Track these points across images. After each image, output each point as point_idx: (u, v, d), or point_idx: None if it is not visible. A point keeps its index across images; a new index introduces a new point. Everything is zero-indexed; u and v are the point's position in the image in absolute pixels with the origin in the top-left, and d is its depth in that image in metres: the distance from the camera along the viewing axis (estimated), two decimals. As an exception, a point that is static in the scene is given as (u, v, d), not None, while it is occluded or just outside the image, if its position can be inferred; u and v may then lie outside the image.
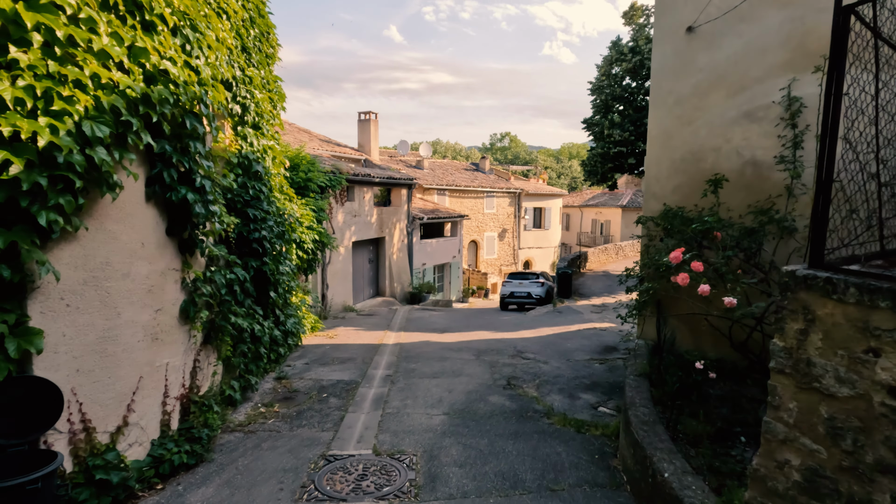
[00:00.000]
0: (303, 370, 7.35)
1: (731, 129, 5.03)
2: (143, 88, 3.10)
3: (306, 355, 8.50)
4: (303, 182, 11.55)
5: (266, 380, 6.66)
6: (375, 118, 21.68)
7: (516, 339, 10.39)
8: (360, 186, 16.24)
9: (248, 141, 5.63)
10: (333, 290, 14.73)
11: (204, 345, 4.66)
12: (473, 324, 12.88)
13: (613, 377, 7.58)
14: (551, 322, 12.55)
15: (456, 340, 10.35)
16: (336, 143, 21.28)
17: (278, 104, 6.85)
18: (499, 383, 7.07)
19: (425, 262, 21.49)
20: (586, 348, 9.46)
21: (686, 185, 5.35)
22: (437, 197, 26.36)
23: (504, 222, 30.88)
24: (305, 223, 10.21)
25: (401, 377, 7.18)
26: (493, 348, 9.45)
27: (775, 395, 1.98)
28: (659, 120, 5.55)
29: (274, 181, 6.54)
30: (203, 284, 4.29)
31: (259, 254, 5.66)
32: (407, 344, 9.90)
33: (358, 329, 11.88)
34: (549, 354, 9.00)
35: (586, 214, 40.33)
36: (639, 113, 15.01)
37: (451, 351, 9.17)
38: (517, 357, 8.81)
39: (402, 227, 19.48)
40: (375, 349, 9.29)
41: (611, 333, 10.79)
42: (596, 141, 16.54)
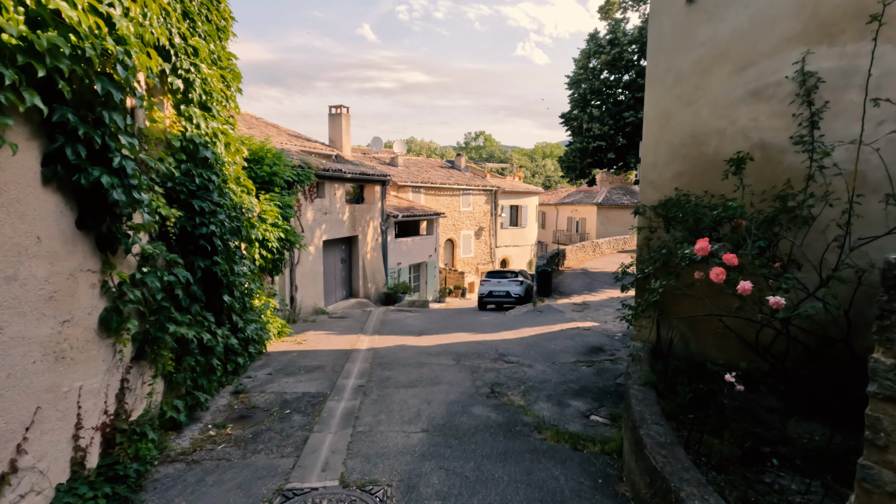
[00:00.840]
0: (265, 382, 6.60)
1: (736, 109, 4.56)
2: (24, 31, 2.37)
3: (270, 364, 7.74)
4: (267, 176, 10.73)
5: (221, 395, 5.90)
6: (347, 112, 20.85)
7: (498, 341, 9.84)
8: (330, 183, 15.44)
9: (194, 122, 4.87)
10: (303, 292, 13.91)
11: (136, 360, 3.91)
12: (452, 325, 12.28)
13: (603, 381, 7.09)
14: (532, 322, 12.06)
15: (434, 344, 9.73)
16: (306, 139, 20.36)
17: (233, 84, 6.09)
18: (482, 391, 6.49)
19: (401, 262, 20.80)
20: (571, 350, 8.98)
21: (688, 172, 4.86)
22: (413, 195, 25.68)
23: (480, 220, 30.41)
24: (270, 220, 9.44)
25: (374, 387, 6.51)
26: (473, 351, 8.87)
27: (880, 431, 1.45)
28: (656, 100, 5.05)
29: (228, 170, 5.79)
30: (131, 289, 3.54)
31: (208, 252, 4.91)
32: (381, 349, 9.22)
33: (329, 333, 11.12)
34: (533, 357, 8.47)
35: (562, 212, 40.27)
36: (618, 107, 14.70)
37: (429, 356, 8.54)
38: (500, 361, 8.25)
39: (376, 225, 18.74)
40: (347, 355, 8.58)
41: (595, 333, 10.36)
42: (574, 136, 16.16)
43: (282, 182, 11.17)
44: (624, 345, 9.26)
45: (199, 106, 5.10)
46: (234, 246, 5.67)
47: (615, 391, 6.67)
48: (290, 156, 13.86)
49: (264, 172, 10.69)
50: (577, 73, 15.89)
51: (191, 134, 4.78)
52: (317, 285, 14.78)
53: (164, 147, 4.60)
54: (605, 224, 35.62)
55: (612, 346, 9.15)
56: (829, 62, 4.03)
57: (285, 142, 18.16)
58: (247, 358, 6.94)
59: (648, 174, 5.12)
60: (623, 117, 14.46)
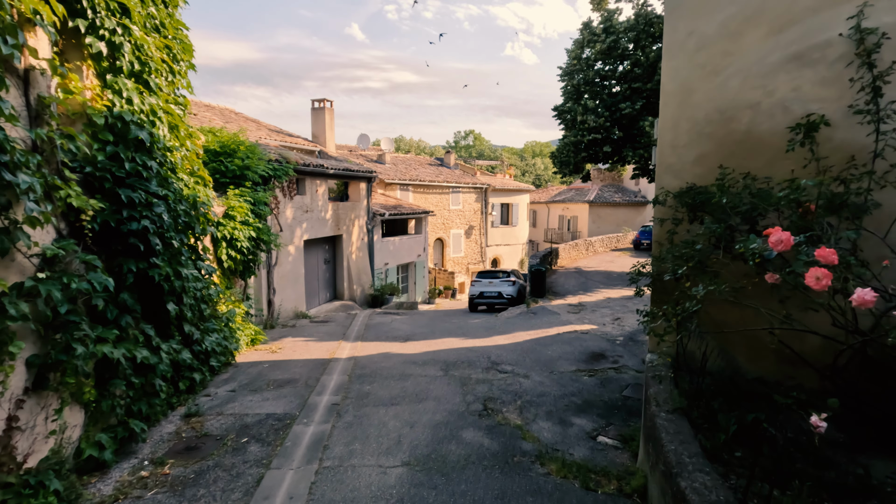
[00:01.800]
0: (225, 401, 5.76)
1: (773, 78, 3.83)
2: None
3: (237, 378, 6.89)
4: (238, 170, 9.86)
5: (169, 419, 5.05)
6: (331, 106, 19.95)
7: (490, 347, 9.07)
8: (312, 179, 14.57)
9: (124, 97, 4.04)
10: (282, 295, 13.04)
11: (34, 391, 3.08)
12: (440, 329, 11.50)
13: (608, 394, 6.36)
14: (526, 325, 11.32)
15: (421, 351, 8.93)
16: (287, 134, 19.44)
17: (183, 59, 5.24)
18: (473, 409, 5.71)
19: (388, 262, 19.97)
20: (570, 356, 8.24)
21: (713, 154, 4.12)
22: (400, 192, 24.85)
23: (471, 219, 29.66)
24: (239, 217, 8.58)
25: (350, 406, 5.70)
26: (463, 360, 8.10)
27: None
28: (675, 71, 4.31)
29: (174, 157, 4.95)
30: (14, 302, 2.71)
31: (140, 252, 4.07)
32: (363, 358, 8.41)
33: (308, 340, 10.28)
34: (529, 366, 7.72)
35: (553, 210, 39.68)
36: (613, 98, 14.01)
37: (415, 365, 7.75)
38: (492, 370, 7.49)
39: (362, 224, 17.90)
40: (324, 366, 7.76)
41: (594, 337, 9.64)
42: (567, 129, 15.47)
43: (255, 177, 10.30)
44: (627, 350, 8.55)
45: (133, 77, 4.26)
46: (182, 245, 4.83)
47: (623, 406, 5.94)
48: (268, 150, 12.98)
49: (235, 166, 9.82)
50: (571, 64, 15.20)
51: (120, 110, 3.95)
52: (297, 288, 13.91)
53: (84, 123, 3.76)
54: (597, 222, 35.08)
55: (614, 352, 8.43)
56: (892, 16, 3.31)
57: (265, 136, 17.24)
58: (206, 373, 6.10)
59: (666, 158, 4.37)
60: (619, 108, 13.76)
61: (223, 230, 8.01)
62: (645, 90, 13.42)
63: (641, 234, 26.44)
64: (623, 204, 35.28)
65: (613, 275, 18.19)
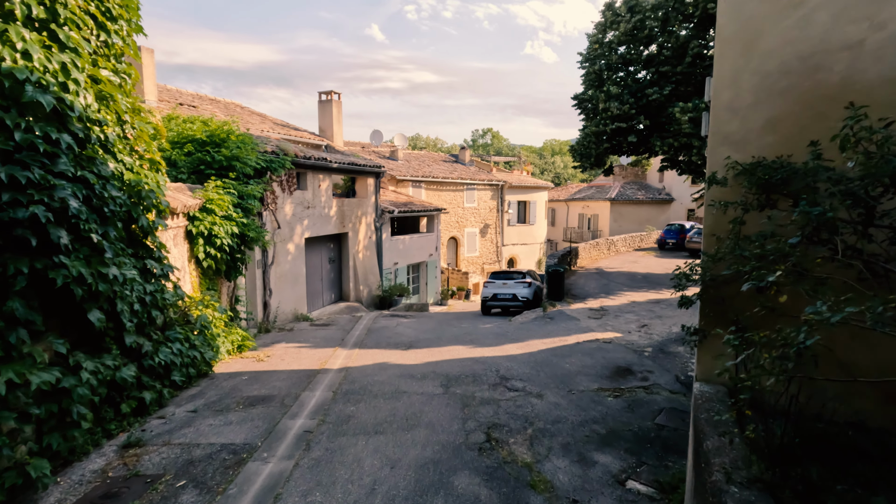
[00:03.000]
0: (180, 424, 4.88)
1: (886, 3, 2.73)
2: None
3: (206, 393, 6.03)
4: (226, 161, 9.03)
5: (103, 451, 4.18)
6: (338, 98, 19.13)
7: (499, 358, 8.05)
8: (314, 173, 13.73)
9: (18, 49, 3.18)
10: (280, 296, 12.22)
11: None
12: (447, 335, 10.51)
13: (638, 420, 5.28)
14: (542, 331, 10.25)
15: (421, 361, 7.97)
16: (293, 128, 18.70)
17: (122, 17, 4.36)
18: (473, 440, 4.71)
19: (397, 262, 19.07)
20: (591, 371, 7.17)
21: (790, 117, 3.04)
22: (413, 189, 23.94)
23: (486, 217, 28.60)
24: (220, 211, 7.72)
25: (325, 435, 4.76)
26: (468, 373, 7.10)
27: None
28: (736, 8, 3.23)
29: (105, 132, 4.06)
30: None
31: (36, 248, 3.16)
32: (356, 369, 7.48)
33: (301, 346, 9.41)
34: (544, 382, 6.68)
35: (572, 209, 38.33)
36: (638, 84, 12.81)
37: (412, 380, 6.78)
38: (500, 387, 6.47)
39: (370, 221, 17.02)
40: (310, 379, 6.86)
41: (618, 348, 8.53)
42: (588, 119, 14.31)
43: (247, 169, 9.46)
44: (658, 365, 7.43)
45: (31, 26, 3.39)
46: (113, 240, 3.94)
47: (657, 438, 4.86)
48: (266, 142, 12.18)
49: (222, 157, 8.99)
50: (592, 49, 14.04)
51: (10, 66, 3.09)
52: (297, 288, 13.09)
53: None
54: (619, 220, 33.64)
55: (643, 367, 7.33)
56: None
57: (268, 130, 16.50)
58: (165, 390, 5.23)
59: (724, 124, 3.29)
60: (645, 94, 12.55)
61: (199, 225, 7.16)
62: (674, 74, 12.19)
63: (667, 233, 25.00)
64: (646, 202, 33.76)
65: (638, 276, 16.93)
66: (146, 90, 12.95)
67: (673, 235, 24.58)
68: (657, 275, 17.09)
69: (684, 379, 6.73)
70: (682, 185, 33.35)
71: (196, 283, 7.61)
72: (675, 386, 6.44)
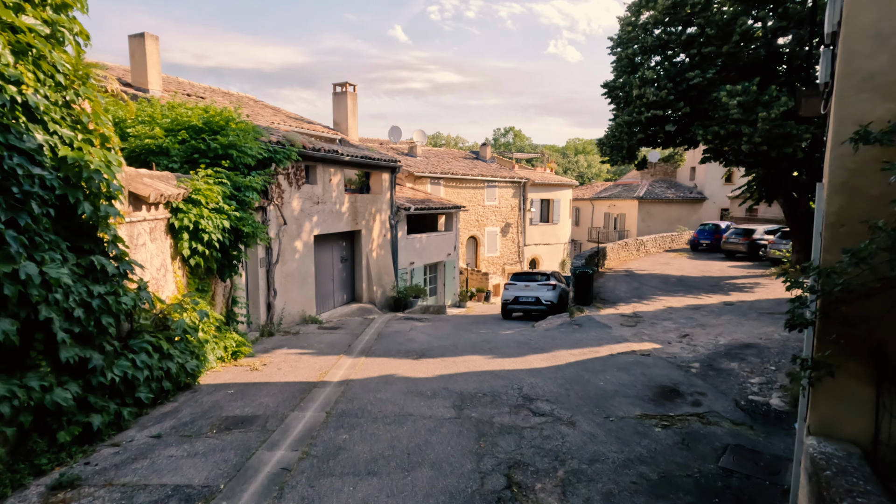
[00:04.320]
0: (134, 455, 4.04)
1: None
2: None
3: (180, 411, 5.21)
4: (222, 150, 8.25)
5: (28, 492, 3.35)
6: (354, 90, 18.35)
7: (522, 373, 7.04)
8: (324, 166, 12.93)
9: None
10: (287, 297, 11.44)
11: None
12: (464, 342, 9.54)
13: (696, 461, 4.22)
14: (570, 340, 9.19)
15: (433, 374, 7.02)
16: (307, 121, 18.00)
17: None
18: (490, 485, 3.74)
19: (413, 261, 18.17)
20: (630, 391, 6.11)
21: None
22: (431, 186, 23.04)
23: (507, 216, 27.50)
24: (210, 203, 6.92)
25: (305, 475, 3.85)
26: (486, 391, 6.12)
27: None
28: None
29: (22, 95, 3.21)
30: None
31: None
32: (358, 382, 6.58)
33: (303, 353, 8.59)
34: (575, 404, 5.65)
35: (598, 208, 36.88)
36: (676, 67, 11.59)
37: (421, 398, 5.84)
38: (524, 410, 5.48)
39: (384, 218, 16.17)
40: (305, 394, 5.99)
41: (659, 361, 7.42)
42: (620, 108, 13.13)
43: (246, 158, 8.67)
44: (709, 384, 6.32)
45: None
46: (39, 230, 3.12)
47: (726, 490, 3.80)
48: (271, 132, 11.41)
49: (218, 145, 8.21)
50: (624, 32, 12.85)
51: None
52: (306, 289, 12.29)
53: None
54: (647, 220, 32.12)
55: (691, 386, 6.22)
56: None
57: (279, 122, 15.81)
58: (117, 412, 4.40)
59: (862, 60, 2.23)
60: (685, 78, 11.31)
61: (183, 218, 6.36)
62: (718, 56, 10.94)
63: (700, 234, 23.50)
64: (676, 201, 32.11)
65: (672, 279, 15.65)
66: (150, 79, 12.35)
67: (707, 236, 23.08)
68: (693, 278, 15.78)
69: (745, 404, 5.62)
70: (715, 183, 31.61)
71: (182, 284, 6.82)
72: (736, 414, 5.33)
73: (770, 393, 5.97)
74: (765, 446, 4.52)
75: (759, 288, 13.48)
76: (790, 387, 5.89)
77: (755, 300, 11.96)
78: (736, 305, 11.44)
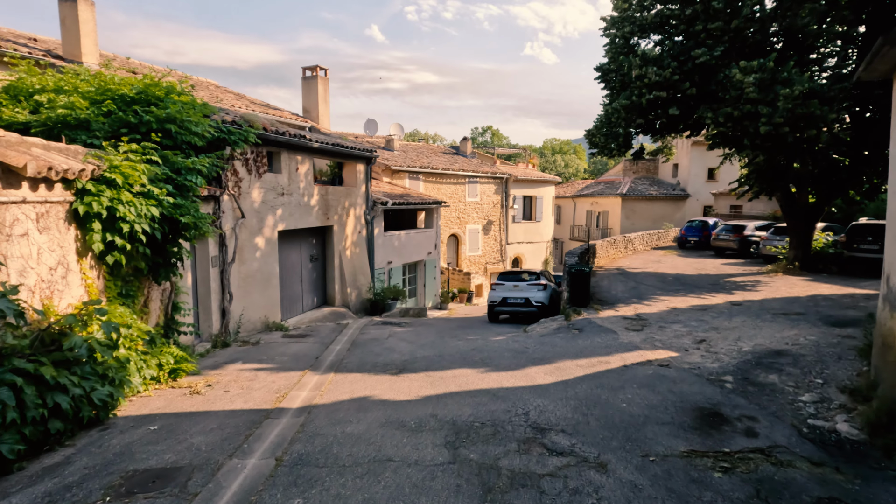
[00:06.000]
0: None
1: None
2: None
3: (71, 463, 3.80)
4: (156, 123, 6.76)
5: None
6: (325, 75, 16.87)
7: (525, 392, 5.81)
8: (290, 153, 11.48)
9: None
10: (246, 301, 9.97)
11: None
12: (451, 351, 8.27)
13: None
14: (572, 348, 8.01)
15: (418, 395, 5.73)
16: (273, 107, 16.45)
17: None
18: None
19: (392, 260, 16.82)
20: (663, 414, 4.93)
21: None
22: (410, 181, 21.70)
23: (489, 213, 26.37)
24: (134, 186, 5.48)
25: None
26: (485, 419, 4.87)
27: None
28: None
29: None
30: None
31: None
32: (324, 410, 5.24)
33: (260, 368, 7.19)
34: (599, 436, 4.44)
35: (580, 205, 36.14)
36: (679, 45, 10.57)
37: (403, 431, 4.55)
38: (536, 446, 4.24)
39: (359, 213, 14.78)
40: (252, 428, 4.62)
41: (685, 375, 6.29)
42: (615, 93, 12.08)
43: (189, 136, 7.20)
44: (753, 403, 5.20)
45: None
46: None
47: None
48: (231, 114, 9.92)
49: (152, 118, 6.72)
50: (619, 10, 11.81)
51: None
52: (269, 292, 10.83)
53: None
54: (631, 218, 31.47)
55: (735, 407, 5.09)
56: None
57: (242, 107, 14.24)
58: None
59: None
60: (691, 57, 10.29)
61: (92, 202, 4.90)
62: (728, 31, 9.95)
63: (688, 231, 22.80)
64: (660, 198, 31.53)
65: (668, 278, 14.72)
66: (84, 50, 10.68)
67: (695, 233, 22.39)
68: (690, 276, 14.89)
69: (809, 432, 4.50)
70: (698, 180, 31.17)
71: (97, 288, 5.35)
72: (806, 447, 4.20)
73: (832, 416, 4.88)
74: (867, 499, 3.38)
75: (761, 286, 12.62)
76: (859, 409, 4.81)
77: (763, 299, 11.05)
78: (744, 306, 10.49)
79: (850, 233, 13.93)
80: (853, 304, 10.09)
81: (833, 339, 7.50)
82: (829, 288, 11.93)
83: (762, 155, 10.16)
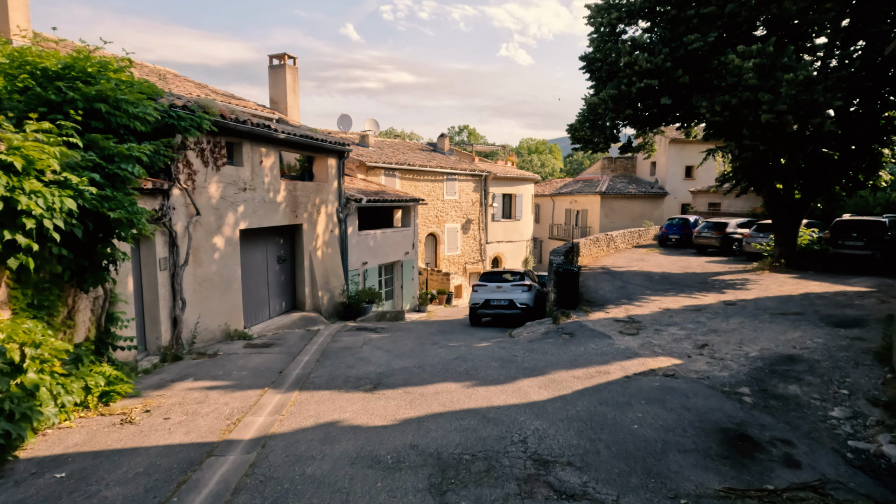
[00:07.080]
0: None
1: None
2: None
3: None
4: (84, 103, 5.73)
5: None
6: (294, 64, 15.81)
7: (519, 411, 5.03)
8: (253, 145, 10.45)
9: None
10: (203, 308, 8.92)
11: None
12: (432, 361, 7.45)
13: None
14: (565, 356, 7.27)
15: (395, 419, 4.89)
16: (238, 98, 15.30)
17: None
18: None
19: (367, 261, 15.88)
20: (683, 439, 4.21)
21: None
22: (385, 178, 20.76)
23: (468, 211, 25.62)
24: (45, 173, 4.48)
25: None
26: (474, 449, 4.06)
27: None
28: None
29: None
30: None
31: None
32: (282, 442, 4.35)
33: (213, 386, 6.23)
34: (615, 470, 3.69)
35: (559, 204, 35.75)
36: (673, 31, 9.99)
37: (377, 470, 3.70)
38: (540, 486, 3.49)
39: (331, 211, 13.79)
40: (188, 472, 3.71)
41: (694, 386, 5.61)
42: (601, 83, 11.47)
43: (129, 120, 6.18)
44: (782, 422, 4.53)
45: None
46: None
47: None
48: (183, 99, 8.85)
49: (78, 96, 5.68)
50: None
51: None
52: (230, 297, 9.79)
53: None
54: (610, 216, 31.19)
55: (762, 427, 4.42)
56: None
57: (203, 96, 13.08)
58: None
59: None
60: (683, 43, 9.71)
61: (-19, 192, 3.89)
62: (722, 16, 9.41)
63: (668, 228, 22.51)
64: (639, 196, 31.36)
65: (655, 276, 14.21)
66: (11, 24, 9.42)
67: (676, 231, 22.10)
68: (677, 275, 14.42)
69: (854, 458, 3.85)
70: (676, 178, 31.12)
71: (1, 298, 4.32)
72: (859, 479, 3.53)
73: (873, 435, 4.25)
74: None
75: (751, 285, 12.19)
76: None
77: (756, 298, 10.57)
78: (739, 306, 9.98)
79: (835, 229, 13.66)
80: (849, 303, 9.67)
81: (842, 342, 6.98)
82: (819, 286, 11.56)
83: (761, 146, 9.65)
